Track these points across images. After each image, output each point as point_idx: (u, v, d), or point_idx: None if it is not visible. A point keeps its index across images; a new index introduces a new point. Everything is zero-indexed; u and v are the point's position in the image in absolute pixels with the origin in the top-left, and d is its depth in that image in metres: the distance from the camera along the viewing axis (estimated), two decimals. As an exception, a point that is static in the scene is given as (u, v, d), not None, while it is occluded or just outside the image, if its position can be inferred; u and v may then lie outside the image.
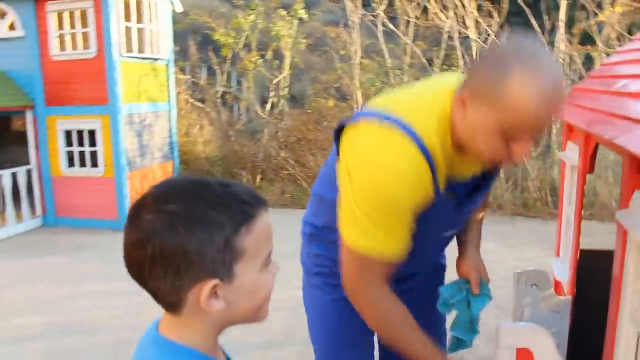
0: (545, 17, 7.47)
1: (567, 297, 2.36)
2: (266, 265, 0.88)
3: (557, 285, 2.70)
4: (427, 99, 1.36)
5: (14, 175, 6.42)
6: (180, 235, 0.78)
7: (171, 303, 0.85)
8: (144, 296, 1.01)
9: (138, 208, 0.82)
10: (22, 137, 6.79)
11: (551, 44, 7.35)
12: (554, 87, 1.13)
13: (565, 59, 7.26)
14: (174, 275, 0.80)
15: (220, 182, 0.86)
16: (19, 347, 3.56)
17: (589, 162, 2.25)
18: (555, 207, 6.22)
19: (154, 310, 0.93)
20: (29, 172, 6.64)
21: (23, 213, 6.57)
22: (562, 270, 2.60)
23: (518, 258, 4.76)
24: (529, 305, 2.27)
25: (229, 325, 0.90)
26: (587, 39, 7.47)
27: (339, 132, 1.43)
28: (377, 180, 1.31)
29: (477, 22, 7.46)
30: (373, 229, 1.35)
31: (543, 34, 7.34)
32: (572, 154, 2.53)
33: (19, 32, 6.52)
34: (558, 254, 2.83)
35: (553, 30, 7.36)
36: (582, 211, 2.37)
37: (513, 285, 2.29)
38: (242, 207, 0.83)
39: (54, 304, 4.26)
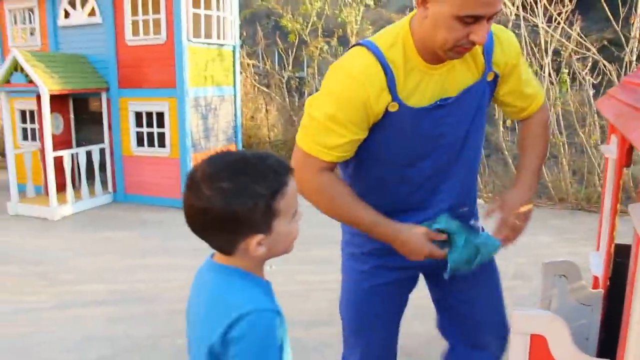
0: (620, 5, 7.14)
1: (599, 290, 2.36)
2: (293, 216, 1.15)
3: (596, 279, 2.68)
4: (394, 27, 1.58)
5: (88, 153, 6.85)
6: (233, 206, 1.05)
7: (225, 250, 1.14)
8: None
9: (197, 183, 1.08)
10: (97, 118, 7.21)
11: (626, 33, 7.04)
12: None
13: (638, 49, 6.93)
14: (229, 233, 1.09)
15: (257, 156, 1.11)
16: (84, 310, 3.88)
17: (625, 156, 2.23)
18: (621, 203, 6.01)
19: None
20: (102, 151, 7.06)
21: (96, 189, 7.00)
22: (599, 264, 2.58)
23: (572, 253, 4.67)
24: (556, 296, 2.28)
25: (268, 259, 1.17)
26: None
27: None
28: (332, 81, 1.57)
29: (545, 9, 7.23)
30: (316, 130, 1.57)
31: (617, 22, 7.03)
32: (613, 148, 2.50)
33: (97, 19, 6.91)
34: (598, 248, 2.80)
35: (628, 18, 7.03)
36: (618, 205, 2.35)
37: (541, 276, 2.30)
38: (277, 177, 1.09)
39: (117, 274, 4.58)
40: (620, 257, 2.38)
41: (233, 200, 1.05)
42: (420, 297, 2.08)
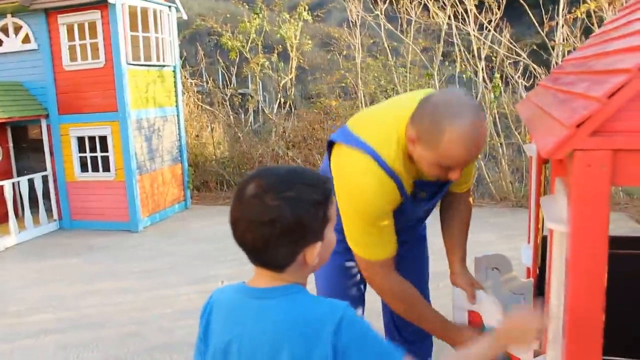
0: (544, 11, 7.52)
1: (529, 280, 2.51)
2: (333, 223, 1.17)
3: (528, 270, 2.85)
4: (389, 126, 1.75)
5: (30, 181, 6.71)
6: (300, 213, 1.07)
7: (282, 264, 1.11)
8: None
9: (259, 197, 1.07)
10: (38, 145, 7.09)
11: (552, 38, 7.41)
12: (475, 136, 1.54)
13: (564, 52, 7.31)
14: (294, 243, 1.09)
15: (300, 168, 1.16)
16: (32, 341, 3.81)
17: (543, 153, 2.39)
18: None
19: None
20: (45, 178, 6.93)
21: (40, 218, 6.85)
22: (529, 256, 2.74)
23: (512, 248, 4.85)
24: (490, 287, 2.42)
25: (314, 271, 1.19)
26: (590, 32, 7.49)
27: (330, 145, 1.89)
28: (358, 201, 1.76)
29: (476, 17, 7.55)
30: (365, 241, 1.83)
31: (542, 27, 7.40)
32: (533, 147, 2.67)
33: (32, 45, 6.82)
34: (529, 241, 2.97)
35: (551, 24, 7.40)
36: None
37: (474, 270, 2.44)
38: (325, 185, 1.14)
39: (66, 302, 4.51)
40: (545, 247, 2.55)
41: (298, 208, 1.07)
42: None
